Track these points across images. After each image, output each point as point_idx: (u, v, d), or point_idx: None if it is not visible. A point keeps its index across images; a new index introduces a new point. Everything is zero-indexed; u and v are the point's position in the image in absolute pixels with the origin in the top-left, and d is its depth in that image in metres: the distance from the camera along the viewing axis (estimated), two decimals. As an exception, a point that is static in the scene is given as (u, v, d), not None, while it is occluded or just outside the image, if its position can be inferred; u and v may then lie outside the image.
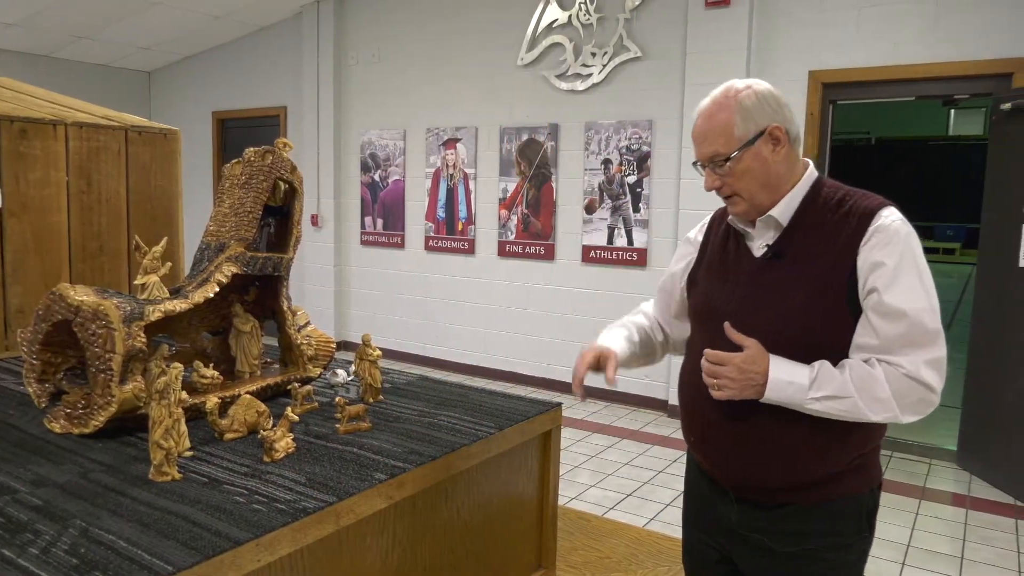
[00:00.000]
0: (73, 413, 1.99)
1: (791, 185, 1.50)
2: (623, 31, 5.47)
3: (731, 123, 1.46)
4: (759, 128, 1.46)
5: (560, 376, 6.04)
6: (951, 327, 9.04)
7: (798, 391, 1.39)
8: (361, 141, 7.02)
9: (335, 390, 2.46)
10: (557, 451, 2.38)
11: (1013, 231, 4.04)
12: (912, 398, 1.38)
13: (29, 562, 1.30)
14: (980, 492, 4.14)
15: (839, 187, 1.52)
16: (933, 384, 1.38)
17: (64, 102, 3.47)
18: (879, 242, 1.39)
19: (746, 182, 1.48)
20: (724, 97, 1.49)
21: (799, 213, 1.49)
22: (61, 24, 6.85)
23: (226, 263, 2.19)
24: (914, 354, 1.38)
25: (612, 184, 5.64)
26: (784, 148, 1.48)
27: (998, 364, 4.18)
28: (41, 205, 3.13)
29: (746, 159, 1.47)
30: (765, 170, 1.48)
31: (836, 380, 1.38)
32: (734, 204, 1.53)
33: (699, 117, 1.53)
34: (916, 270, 1.39)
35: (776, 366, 1.41)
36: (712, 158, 1.49)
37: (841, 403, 1.38)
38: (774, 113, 1.47)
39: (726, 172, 1.48)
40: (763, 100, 1.47)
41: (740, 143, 1.46)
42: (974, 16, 4.39)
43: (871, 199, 1.46)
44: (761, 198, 1.49)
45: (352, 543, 1.66)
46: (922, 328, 1.37)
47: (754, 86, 1.49)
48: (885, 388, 1.37)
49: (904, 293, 1.37)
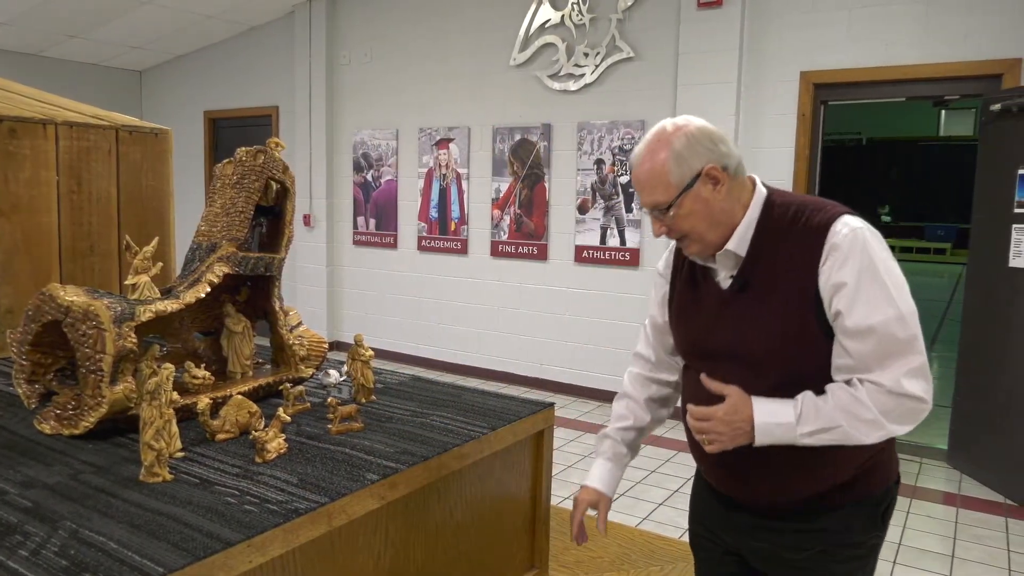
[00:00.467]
0: (63, 414, 1.98)
1: (742, 214, 1.48)
2: (615, 31, 5.47)
3: (666, 171, 1.44)
4: (694, 171, 1.44)
5: (553, 376, 6.04)
6: (941, 326, 9.09)
7: (787, 431, 1.39)
8: (353, 141, 7.01)
9: (327, 390, 2.45)
10: (550, 451, 2.38)
11: (1003, 231, 4.06)
12: (899, 412, 1.37)
13: (19, 564, 1.30)
14: (971, 491, 4.16)
15: (790, 202, 1.49)
16: (918, 393, 1.36)
17: (54, 101, 3.45)
18: (836, 260, 1.37)
19: (692, 224, 1.46)
20: (656, 143, 1.47)
21: (755, 241, 1.47)
22: (51, 23, 6.81)
23: (217, 263, 2.18)
24: (892, 367, 1.35)
25: (605, 184, 5.65)
26: (724, 185, 1.45)
27: (988, 363, 4.20)
28: (31, 205, 3.11)
29: (687, 204, 1.44)
30: (709, 210, 1.45)
31: (822, 412, 1.37)
32: (687, 246, 1.52)
33: (635, 166, 1.50)
34: (877, 280, 1.36)
35: (760, 410, 1.40)
36: (654, 206, 1.48)
37: (831, 433, 1.38)
38: (708, 152, 1.44)
39: (670, 218, 1.47)
40: (695, 142, 1.44)
41: (678, 190, 1.44)
42: (964, 17, 4.41)
43: (823, 212, 1.43)
44: (712, 237, 1.48)
45: (344, 544, 1.65)
46: (893, 339, 1.35)
47: (685, 128, 1.46)
48: (871, 409, 1.36)
49: (868, 309, 1.35)
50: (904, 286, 1.39)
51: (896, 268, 1.39)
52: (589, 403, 5.72)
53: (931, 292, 11.93)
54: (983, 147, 4.30)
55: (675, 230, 1.49)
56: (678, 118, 1.50)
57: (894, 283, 1.37)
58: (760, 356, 1.45)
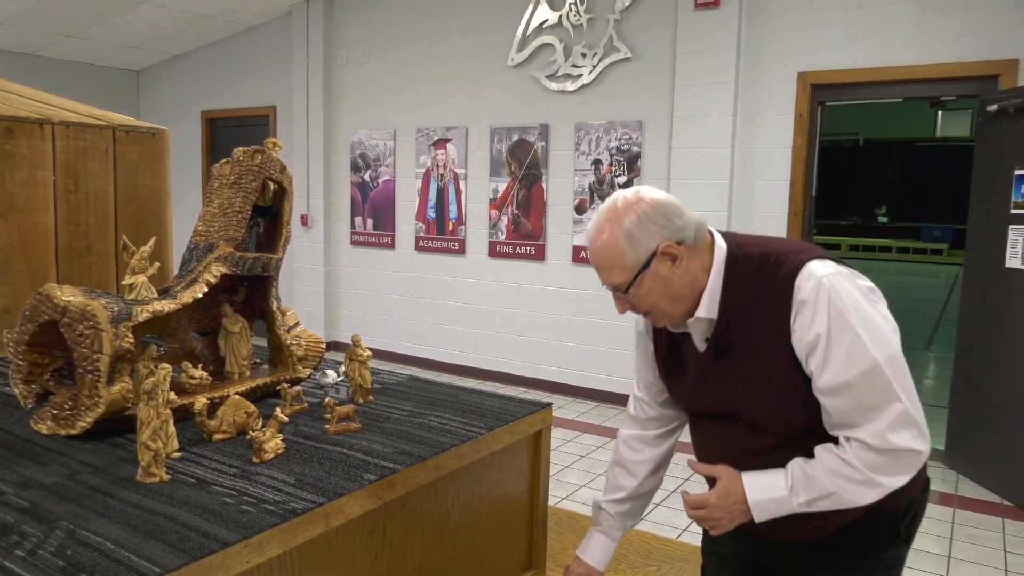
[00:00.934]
0: (60, 414, 1.98)
1: (705, 278, 1.44)
2: (613, 32, 5.48)
3: (620, 252, 1.40)
4: (649, 251, 1.39)
5: (550, 376, 6.04)
6: (938, 327, 9.10)
7: (782, 504, 1.38)
8: (351, 141, 7.00)
9: (325, 391, 2.45)
10: (547, 451, 2.38)
11: (999, 232, 4.07)
12: (891, 467, 1.33)
13: (15, 564, 1.29)
14: (967, 491, 4.17)
15: (752, 255, 1.43)
16: (906, 445, 1.31)
17: (51, 101, 3.44)
18: (805, 317, 1.33)
19: (654, 300, 1.43)
20: (607, 223, 1.42)
21: (724, 303, 1.43)
22: (48, 22, 6.79)
23: (215, 263, 2.18)
24: (876, 420, 1.31)
25: (602, 184, 5.65)
26: (683, 260, 1.41)
27: (985, 364, 4.21)
28: (27, 205, 3.10)
29: (646, 283, 1.41)
30: (669, 287, 1.42)
31: (813, 481, 1.35)
32: (654, 320, 1.50)
33: (589, 246, 1.47)
34: (847, 331, 1.31)
35: (752, 487, 1.39)
36: (614, 288, 1.45)
37: (828, 500, 1.36)
38: (662, 230, 1.39)
39: (631, 297, 1.44)
40: (648, 220, 1.39)
41: (634, 271, 1.40)
42: (961, 18, 4.42)
43: (787, 264, 1.38)
44: (677, 308, 1.45)
45: (342, 544, 1.65)
46: (871, 391, 1.30)
47: (636, 205, 1.40)
48: (861, 470, 1.32)
49: (840, 365, 1.31)
50: (880, 329, 1.33)
51: (869, 310, 1.33)
52: (586, 403, 5.72)
53: (927, 293, 11.94)
54: (979, 148, 4.31)
55: (638, 307, 1.46)
56: (628, 192, 1.43)
57: (867, 329, 1.31)
58: (754, 415, 1.43)
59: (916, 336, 8.50)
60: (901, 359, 1.34)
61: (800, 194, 4.99)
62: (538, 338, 6.10)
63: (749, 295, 1.41)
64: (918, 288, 12.65)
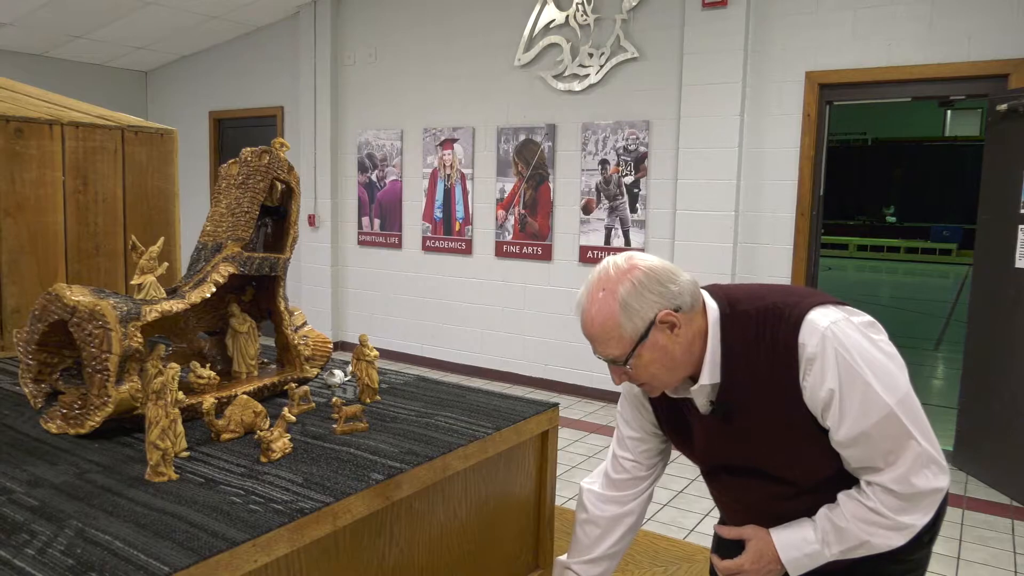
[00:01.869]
0: (69, 413, 1.99)
1: (701, 345, 1.39)
2: (620, 32, 5.47)
3: (616, 324, 1.34)
4: (647, 321, 1.34)
5: (557, 376, 6.04)
6: (947, 327, 9.06)
7: (816, 558, 1.38)
8: (358, 141, 7.02)
9: (332, 390, 2.45)
10: (554, 451, 2.38)
11: (1009, 232, 4.05)
12: (918, 507, 1.33)
13: (25, 563, 1.30)
14: (976, 492, 4.15)
15: (747, 314, 1.39)
16: (929, 487, 1.32)
17: (60, 102, 3.46)
18: (815, 373, 1.31)
19: (653, 372, 1.39)
20: (600, 294, 1.36)
21: (726, 367, 1.39)
22: (56, 23, 6.83)
23: (223, 263, 2.18)
24: (897, 464, 1.31)
25: (609, 185, 5.65)
26: (681, 327, 1.36)
27: (994, 364, 4.19)
28: (37, 205, 3.12)
29: (645, 354, 1.36)
30: (668, 356, 1.37)
31: (843, 531, 1.36)
32: (651, 391, 1.46)
33: (582, 316, 1.40)
34: (858, 381, 1.29)
35: (783, 545, 1.39)
36: (612, 360, 1.40)
37: (862, 548, 1.36)
38: (659, 298, 1.35)
39: (629, 369, 1.39)
40: (643, 289, 1.34)
41: (632, 343, 1.35)
42: (970, 17, 4.40)
43: (785, 320, 1.34)
44: (675, 378, 1.41)
45: (349, 544, 1.65)
46: (888, 437, 1.30)
47: (630, 273, 1.35)
48: (887, 516, 1.33)
49: (856, 417, 1.29)
50: (887, 371, 1.31)
51: (875, 354, 1.31)
52: (593, 403, 5.72)
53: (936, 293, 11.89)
54: (989, 147, 4.29)
55: (636, 379, 1.42)
56: (620, 258, 1.38)
57: (876, 375, 1.30)
58: (775, 467, 1.42)
59: (925, 337, 8.46)
60: (912, 397, 1.33)
61: (808, 194, 4.97)
62: (545, 338, 6.10)
63: (752, 356, 1.37)
64: (927, 288, 12.59)
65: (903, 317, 9.56)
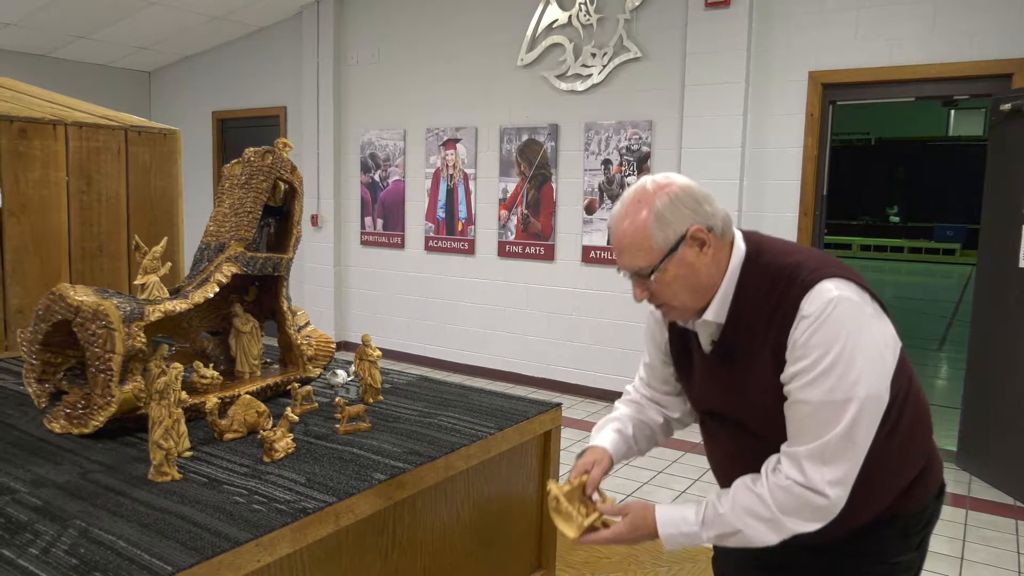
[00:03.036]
0: (73, 413, 1.99)
1: (721, 278, 1.40)
2: (623, 31, 5.47)
3: (648, 235, 1.35)
4: (679, 234, 1.34)
5: (560, 377, 6.03)
6: (950, 327, 9.04)
7: (692, 538, 1.39)
8: (361, 141, 7.02)
9: (335, 390, 2.46)
10: (557, 451, 2.38)
11: (1013, 232, 4.04)
12: (801, 512, 1.31)
13: (29, 562, 1.30)
14: (980, 492, 4.14)
15: (769, 264, 1.38)
16: (816, 484, 1.28)
17: (64, 102, 3.46)
18: (803, 329, 1.29)
19: (675, 290, 1.38)
20: (636, 204, 1.37)
21: (733, 309, 1.40)
22: (60, 23, 6.84)
23: (226, 263, 2.19)
24: (808, 446, 1.29)
25: (612, 184, 5.65)
26: (710, 248, 1.37)
27: (998, 365, 4.18)
28: (41, 205, 3.12)
29: (671, 268, 1.36)
30: (693, 275, 1.37)
31: (721, 519, 1.36)
32: (667, 312, 1.46)
33: (614, 228, 1.41)
34: (839, 360, 1.27)
35: (663, 522, 1.40)
36: (636, 272, 1.39)
37: (733, 538, 1.36)
38: (693, 214, 1.35)
39: (652, 284, 1.39)
40: (678, 202, 1.35)
41: (661, 255, 1.35)
42: (973, 17, 4.39)
43: (799, 281, 1.33)
44: (693, 302, 1.41)
45: (352, 543, 1.66)
46: (823, 421, 1.28)
47: (667, 187, 1.36)
48: (769, 507, 1.32)
49: (814, 384, 1.28)
50: (871, 366, 1.29)
51: (868, 342, 1.29)
52: (596, 403, 5.71)
53: (940, 293, 11.87)
54: (993, 147, 4.28)
55: (656, 296, 1.41)
56: (659, 176, 1.40)
57: (859, 360, 1.27)
58: (753, 420, 1.43)
59: (928, 337, 8.44)
60: (875, 404, 1.30)
61: (811, 194, 4.96)
62: (547, 338, 6.10)
63: (758, 306, 1.37)
64: (930, 288, 12.58)
65: (906, 317, 9.55)
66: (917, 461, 1.45)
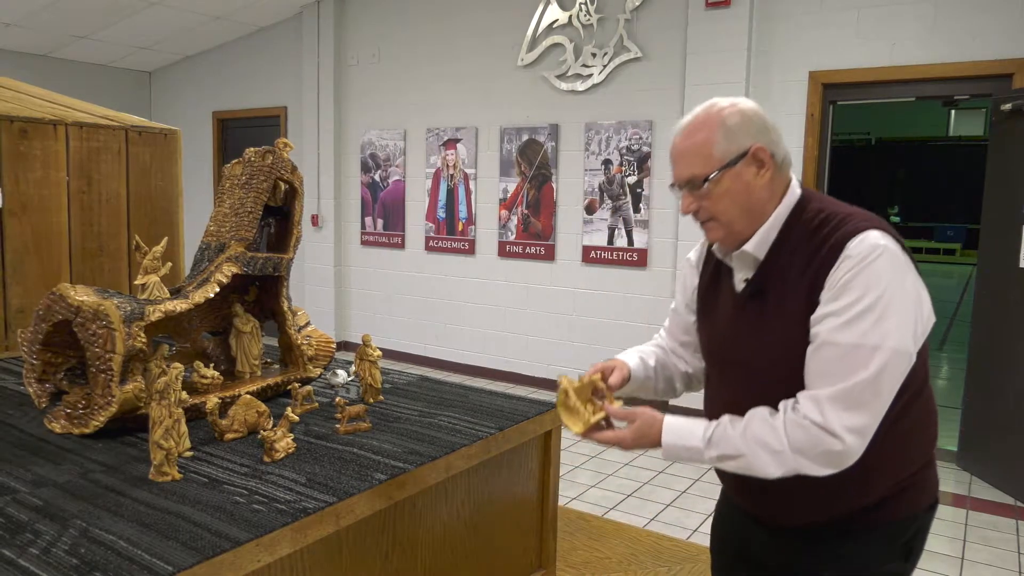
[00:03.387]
0: (73, 413, 1.99)
1: (770, 212, 1.39)
2: (623, 31, 5.47)
3: (711, 142, 1.36)
4: (741, 149, 1.35)
5: (560, 376, 6.03)
6: (951, 328, 9.04)
7: (694, 453, 1.37)
8: (361, 141, 7.02)
9: (335, 390, 2.46)
10: (557, 451, 2.38)
11: (1013, 232, 4.04)
12: (811, 451, 1.27)
13: (29, 562, 1.30)
14: (980, 493, 4.14)
15: (821, 210, 1.38)
16: (834, 427, 1.25)
17: (64, 102, 3.46)
18: (843, 271, 1.27)
19: (725, 206, 1.38)
20: (705, 115, 1.39)
21: (775, 246, 1.39)
22: (61, 24, 6.84)
23: (226, 263, 2.19)
24: (830, 389, 1.26)
25: (612, 184, 5.65)
26: (768, 172, 1.37)
27: (998, 365, 4.18)
28: (41, 205, 3.13)
29: (726, 181, 1.36)
30: (746, 194, 1.37)
31: (729, 439, 1.33)
32: (711, 230, 1.43)
33: (678, 135, 1.42)
34: (875, 305, 1.24)
35: (668, 430, 1.38)
36: (690, 180, 1.39)
37: (734, 462, 1.34)
38: (759, 134, 1.36)
39: (704, 194, 1.38)
40: (748, 119, 1.37)
41: (720, 163, 1.35)
42: (974, 17, 4.39)
43: (849, 224, 1.32)
44: (740, 225, 1.39)
45: (352, 543, 1.66)
46: (849, 366, 1.25)
47: (739, 104, 1.38)
48: (781, 440, 1.28)
49: (845, 326, 1.25)
50: (906, 320, 1.27)
51: (904, 298, 1.27)
52: (596, 404, 5.71)
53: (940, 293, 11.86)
54: (993, 147, 4.28)
55: (705, 210, 1.40)
56: (732, 98, 1.41)
57: (897, 311, 1.25)
58: (769, 365, 1.40)
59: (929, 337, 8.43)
60: (904, 360, 1.27)
61: (811, 194, 4.96)
62: (548, 338, 6.10)
63: (801, 246, 1.35)
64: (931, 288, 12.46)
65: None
66: (915, 460, 1.42)
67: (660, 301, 5.46)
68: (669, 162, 1.47)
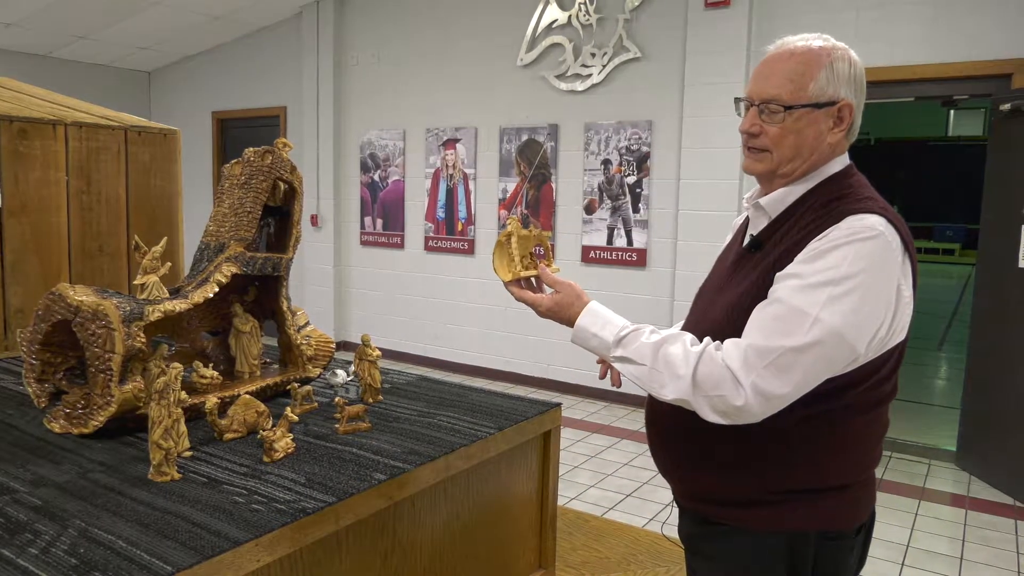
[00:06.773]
0: (73, 413, 1.99)
1: (818, 166, 1.32)
2: (623, 31, 5.47)
3: (811, 76, 1.27)
4: (834, 96, 1.28)
5: (560, 376, 6.04)
6: (950, 328, 9.04)
7: (600, 345, 1.35)
8: (361, 141, 7.02)
9: (335, 390, 2.46)
10: (556, 451, 2.38)
11: (1012, 232, 4.04)
12: (710, 389, 1.20)
13: (28, 562, 1.30)
14: (979, 493, 4.14)
15: (843, 186, 1.31)
16: (742, 377, 1.17)
17: (64, 102, 3.46)
18: (828, 240, 1.21)
19: (788, 144, 1.30)
20: (821, 45, 1.30)
21: (789, 209, 1.33)
22: (60, 24, 6.84)
23: (226, 263, 2.19)
24: (762, 338, 1.18)
25: (612, 184, 5.65)
26: (842, 133, 1.31)
27: (998, 365, 4.18)
28: (40, 205, 3.12)
29: (804, 120, 1.28)
30: (813, 143, 1.30)
31: (642, 348, 1.28)
32: (758, 159, 1.34)
33: (778, 49, 1.33)
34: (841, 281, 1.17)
35: (587, 314, 1.37)
36: (771, 100, 1.29)
37: (633, 367, 1.29)
38: (855, 95, 1.31)
39: (776, 122, 1.29)
40: (853, 72, 1.30)
41: (809, 100, 1.27)
42: (973, 17, 4.39)
43: (860, 204, 1.26)
44: (788, 167, 1.32)
45: (352, 544, 1.66)
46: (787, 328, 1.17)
47: (851, 53, 1.31)
48: (689, 365, 1.21)
49: (800, 288, 1.19)
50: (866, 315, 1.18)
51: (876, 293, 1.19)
52: (596, 403, 5.71)
53: (940, 293, 11.86)
54: (992, 147, 4.28)
55: (765, 135, 1.31)
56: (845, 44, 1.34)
57: (860, 299, 1.17)
58: (725, 312, 1.32)
59: (928, 337, 8.44)
60: (844, 351, 1.18)
61: (811, 194, 4.96)
62: (547, 338, 6.10)
63: (808, 214, 1.29)
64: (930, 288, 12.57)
65: (906, 317, 9.51)
66: (827, 474, 1.30)
67: (659, 301, 5.46)
68: (750, 76, 1.37)
